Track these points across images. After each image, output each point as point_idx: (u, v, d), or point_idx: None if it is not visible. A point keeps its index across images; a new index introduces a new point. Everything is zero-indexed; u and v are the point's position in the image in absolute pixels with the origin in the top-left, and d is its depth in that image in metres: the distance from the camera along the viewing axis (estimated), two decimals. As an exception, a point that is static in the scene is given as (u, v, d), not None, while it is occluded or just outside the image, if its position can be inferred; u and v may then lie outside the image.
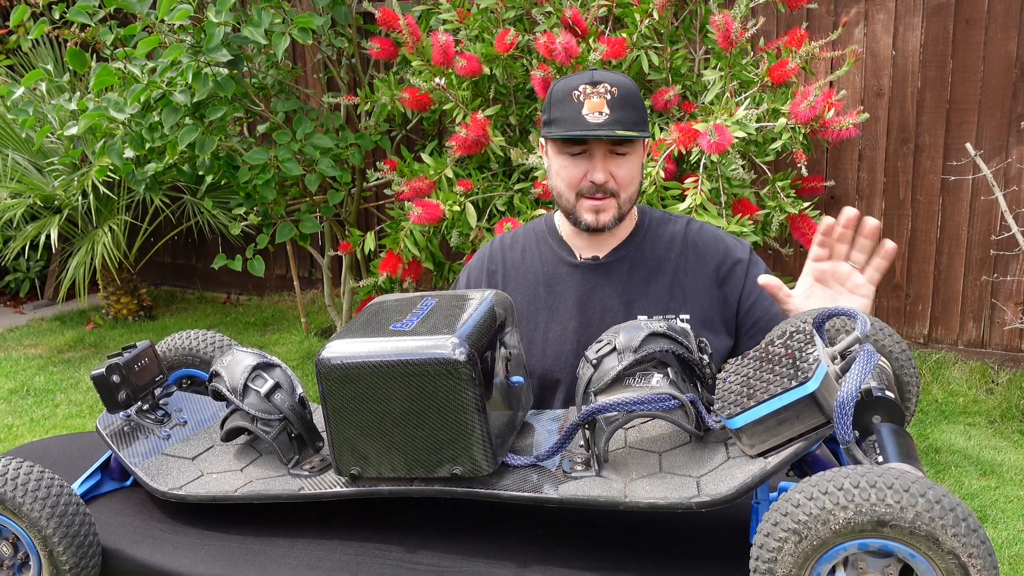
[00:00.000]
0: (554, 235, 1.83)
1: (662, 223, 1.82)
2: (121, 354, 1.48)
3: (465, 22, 3.31)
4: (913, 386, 1.34)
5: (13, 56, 5.09)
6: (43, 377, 4.52)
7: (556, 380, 1.75)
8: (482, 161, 3.30)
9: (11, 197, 4.68)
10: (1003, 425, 3.51)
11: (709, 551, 1.25)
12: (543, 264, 1.81)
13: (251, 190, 3.66)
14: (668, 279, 1.75)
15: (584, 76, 1.66)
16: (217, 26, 3.19)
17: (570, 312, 1.76)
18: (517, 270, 1.83)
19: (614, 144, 1.67)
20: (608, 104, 1.63)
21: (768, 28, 3.89)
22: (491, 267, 1.86)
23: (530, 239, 1.86)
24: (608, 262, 1.77)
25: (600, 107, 1.63)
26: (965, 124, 3.76)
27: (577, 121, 1.64)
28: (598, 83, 1.64)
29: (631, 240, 1.79)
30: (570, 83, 1.67)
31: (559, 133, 1.67)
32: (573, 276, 1.78)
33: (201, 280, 5.84)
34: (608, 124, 1.63)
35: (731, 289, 1.76)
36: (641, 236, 1.79)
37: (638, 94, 1.69)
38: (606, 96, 1.63)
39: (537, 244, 1.84)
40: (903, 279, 4.02)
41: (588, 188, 1.69)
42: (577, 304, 1.76)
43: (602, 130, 1.63)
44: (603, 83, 1.64)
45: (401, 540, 1.31)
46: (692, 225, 1.82)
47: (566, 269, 1.79)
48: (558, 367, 1.75)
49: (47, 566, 1.27)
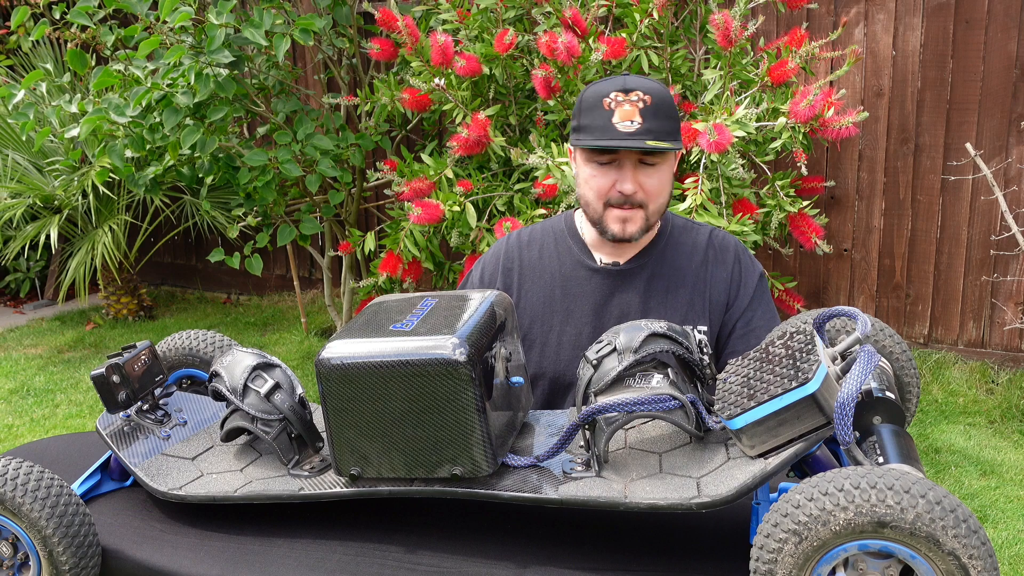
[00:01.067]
0: (574, 236, 1.79)
1: (684, 231, 1.78)
2: (121, 354, 1.48)
3: (465, 22, 3.30)
4: (913, 387, 1.34)
5: (13, 56, 5.09)
6: (43, 377, 4.52)
7: (568, 384, 1.74)
8: (482, 161, 3.30)
9: (11, 197, 4.68)
10: (1003, 425, 3.51)
11: (709, 551, 1.25)
12: (560, 265, 1.78)
13: (251, 191, 3.66)
14: (688, 290, 1.72)
15: (616, 82, 1.60)
16: (218, 28, 3.19)
17: (586, 317, 1.73)
18: (534, 269, 1.79)
19: (644, 154, 1.62)
20: (640, 113, 1.57)
21: (768, 28, 3.89)
22: (507, 264, 1.82)
23: (548, 238, 1.82)
24: (628, 269, 1.73)
25: (632, 116, 1.57)
26: (965, 124, 3.75)
27: (607, 130, 1.58)
28: (630, 90, 1.58)
29: (652, 248, 1.75)
30: (601, 89, 1.61)
31: (588, 142, 1.61)
32: (591, 281, 1.75)
33: (201, 280, 5.84)
34: (639, 134, 1.57)
35: (729, 316, 1.74)
36: (663, 244, 1.75)
37: (672, 102, 1.62)
38: (638, 104, 1.57)
39: (555, 244, 1.80)
40: (903, 279, 4.02)
41: (616, 198, 1.64)
42: (594, 309, 1.73)
43: (632, 140, 1.57)
44: (636, 91, 1.58)
45: (401, 540, 1.31)
46: (715, 236, 1.78)
47: (584, 273, 1.75)
48: (571, 371, 1.73)
49: (47, 566, 1.27)
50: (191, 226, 5.39)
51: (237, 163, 3.64)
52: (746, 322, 1.73)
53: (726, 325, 1.74)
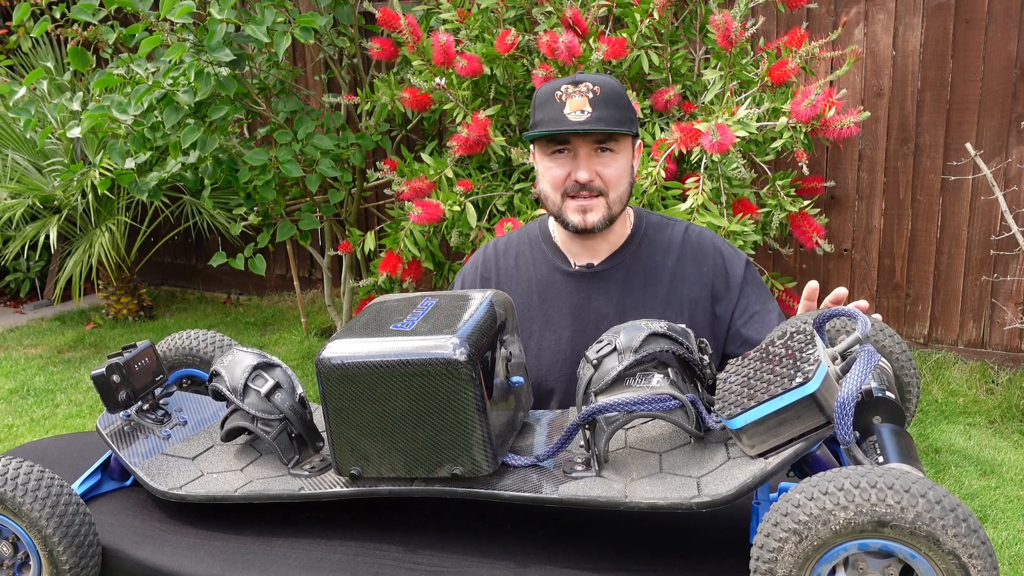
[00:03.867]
0: (548, 241, 1.80)
1: (659, 228, 1.78)
2: (121, 354, 1.48)
3: (466, 22, 3.30)
4: (913, 387, 1.34)
5: (13, 56, 5.09)
6: (43, 377, 4.52)
7: (550, 389, 1.74)
8: (482, 161, 3.30)
9: (11, 197, 4.68)
10: (1003, 425, 3.51)
11: (709, 551, 1.25)
12: (536, 271, 1.78)
13: (251, 190, 3.66)
14: (665, 288, 1.73)
15: (567, 78, 1.66)
16: (219, 23, 3.19)
17: (564, 321, 1.73)
18: (511, 277, 1.80)
19: (599, 142, 1.65)
20: (590, 103, 1.61)
21: (768, 28, 3.89)
22: (484, 274, 1.83)
23: (524, 245, 1.83)
24: (603, 270, 1.74)
25: (582, 105, 1.61)
26: (965, 124, 3.75)
27: (558, 120, 1.62)
28: (580, 82, 1.63)
29: (627, 247, 1.76)
30: (552, 85, 1.66)
31: (539, 132, 1.65)
32: (568, 284, 1.75)
33: (201, 280, 5.84)
34: (589, 122, 1.61)
35: (723, 309, 1.74)
36: (637, 242, 1.76)
37: (623, 93, 1.67)
38: (588, 95, 1.62)
39: (531, 250, 1.81)
40: (903, 279, 4.02)
41: (573, 187, 1.66)
42: (572, 313, 1.73)
43: (583, 127, 1.61)
44: (584, 83, 1.63)
45: (401, 540, 1.31)
46: (691, 231, 1.78)
47: (560, 277, 1.76)
48: (552, 376, 1.73)
49: (47, 566, 1.27)
50: (191, 226, 5.39)
51: (238, 164, 3.64)
52: (743, 309, 1.73)
53: (722, 318, 1.74)
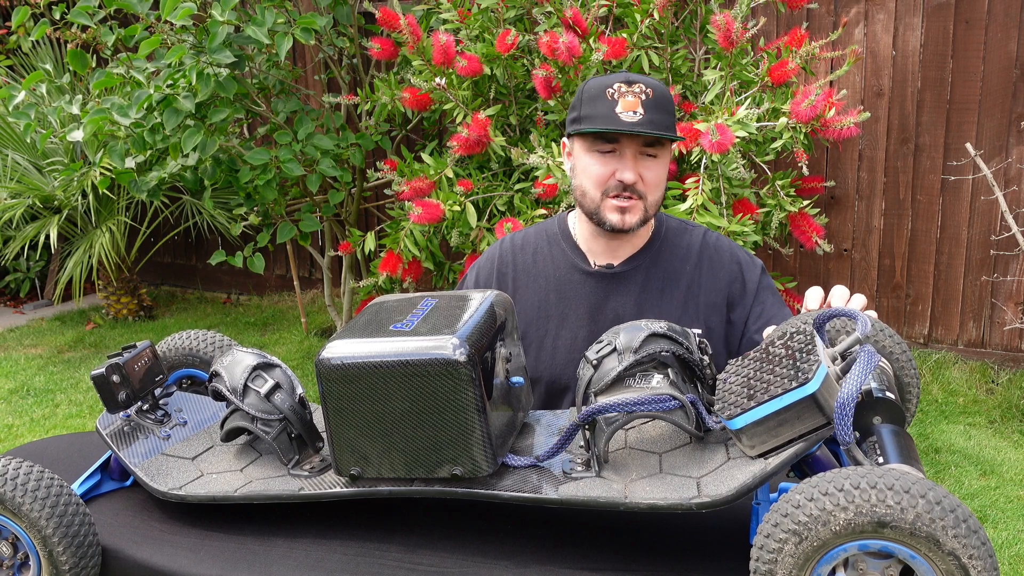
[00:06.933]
0: (568, 239, 1.80)
1: (679, 233, 1.79)
2: (121, 354, 1.48)
3: (466, 22, 3.30)
4: (913, 387, 1.34)
5: (13, 56, 5.09)
6: (43, 377, 4.51)
7: (564, 387, 1.74)
8: (482, 161, 3.30)
9: (11, 197, 4.68)
10: (1003, 425, 3.51)
11: (709, 552, 1.25)
12: (555, 268, 1.78)
13: (252, 190, 3.66)
14: (682, 293, 1.73)
15: (619, 75, 1.64)
16: (220, 24, 3.19)
17: (581, 320, 1.73)
18: (528, 273, 1.80)
19: (645, 145, 1.64)
20: (643, 104, 1.60)
21: (768, 28, 3.89)
22: (501, 268, 1.82)
23: (542, 241, 1.82)
24: (623, 271, 1.74)
25: (635, 106, 1.60)
26: (965, 124, 3.75)
27: (611, 118, 1.61)
28: (633, 83, 1.62)
29: (647, 249, 1.76)
30: (604, 81, 1.64)
31: (591, 128, 1.63)
32: (586, 284, 1.75)
33: (201, 280, 5.84)
34: (642, 124, 1.60)
35: (738, 315, 1.74)
36: (657, 245, 1.76)
37: (671, 99, 1.66)
38: (641, 96, 1.61)
39: (549, 247, 1.80)
40: (903, 279, 4.02)
41: (615, 187, 1.65)
42: (589, 313, 1.73)
43: (637, 128, 1.60)
44: (638, 83, 1.62)
45: (401, 540, 1.31)
46: (708, 237, 1.78)
47: (579, 276, 1.76)
48: (567, 375, 1.73)
49: (47, 566, 1.27)
50: (191, 226, 5.39)
51: (238, 164, 3.64)
52: (757, 315, 1.74)
53: (736, 324, 1.74)
